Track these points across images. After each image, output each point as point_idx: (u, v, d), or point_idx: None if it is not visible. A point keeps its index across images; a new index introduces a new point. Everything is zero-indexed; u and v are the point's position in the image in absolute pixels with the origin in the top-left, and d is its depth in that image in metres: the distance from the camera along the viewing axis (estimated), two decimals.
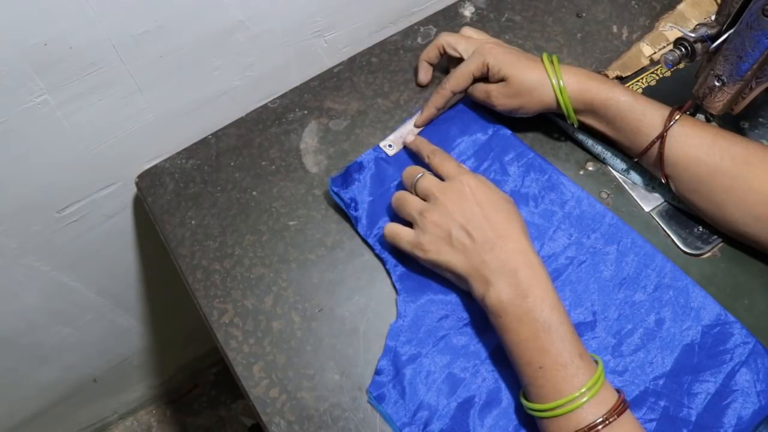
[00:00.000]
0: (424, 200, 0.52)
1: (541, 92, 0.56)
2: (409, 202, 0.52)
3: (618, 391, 0.45)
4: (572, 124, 0.59)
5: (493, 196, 0.51)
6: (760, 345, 0.51)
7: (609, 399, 0.44)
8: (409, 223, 0.53)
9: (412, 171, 0.54)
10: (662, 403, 0.49)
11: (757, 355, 0.50)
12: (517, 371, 0.47)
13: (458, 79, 0.59)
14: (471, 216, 0.49)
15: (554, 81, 0.55)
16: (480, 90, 0.59)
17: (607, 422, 0.42)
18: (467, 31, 0.63)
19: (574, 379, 0.44)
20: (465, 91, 0.61)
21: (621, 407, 0.43)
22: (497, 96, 0.58)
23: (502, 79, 0.57)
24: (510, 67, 0.56)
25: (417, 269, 0.55)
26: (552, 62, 0.56)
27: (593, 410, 0.43)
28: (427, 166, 0.55)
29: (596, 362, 0.46)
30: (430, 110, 0.61)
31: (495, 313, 0.47)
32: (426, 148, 0.56)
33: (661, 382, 0.50)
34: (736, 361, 0.50)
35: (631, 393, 0.50)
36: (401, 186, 0.57)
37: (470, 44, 0.60)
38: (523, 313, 0.46)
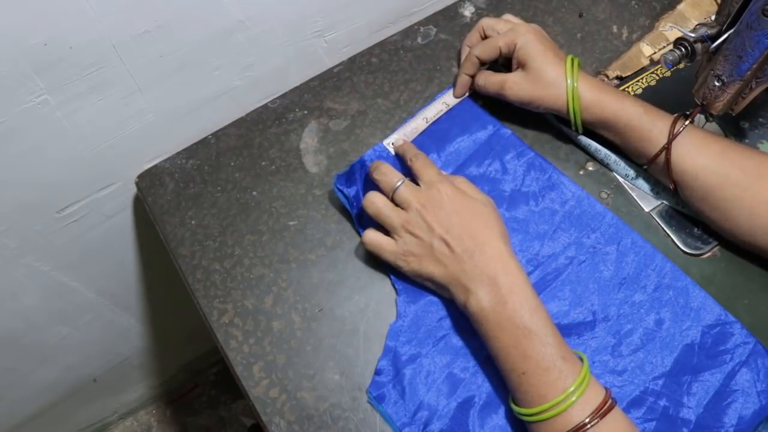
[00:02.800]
0: (401, 207, 0.52)
1: (555, 92, 0.56)
2: (389, 214, 0.52)
3: (606, 389, 0.45)
4: (576, 130, 0.58)
5: (470, 203, 0.51)
6: (761, 345, 0.51)
7: (595, 399, 0.44)
8: (385, 229, 0.53)
9: (391, 177, 0.53)
10: (662, 403, 0.49)
11: (758, 355, 0.50)
12: (503, 377, 0.48)
13: (486, 47, 0.59)
14: (449, 226, 0.50)
15: (569, 83, 0.55)
16: (494, 81, 0.59)
17: (592, 423, 0.42)
18: (508, 16, 0.63)
19: (557, 383, 0.44)
20: (490, 62, 0.61)
21: (607, 407, 0.43)
22: (511, 86, 0.57)
23: (521, 66, 0.57)
24: (535, 56, 0.56)
25: None
26: (573, 65, 0.56)
27: (579, 411, 0.43)
28: (408, 169, 0.55)
29: (581, 360, 0.46)
30: (462, 77, 0.62)
31: (477, 321, 0.48)
32: (410, 151, 0.56)
33: (660, 382, 0.50)
34: (736, 361, 0.50)
35: (630, 393, 0.50)
36: (370, 182, 0.55)
37: (508, 26, 0.60)
38: (503, 320, 0.46)
